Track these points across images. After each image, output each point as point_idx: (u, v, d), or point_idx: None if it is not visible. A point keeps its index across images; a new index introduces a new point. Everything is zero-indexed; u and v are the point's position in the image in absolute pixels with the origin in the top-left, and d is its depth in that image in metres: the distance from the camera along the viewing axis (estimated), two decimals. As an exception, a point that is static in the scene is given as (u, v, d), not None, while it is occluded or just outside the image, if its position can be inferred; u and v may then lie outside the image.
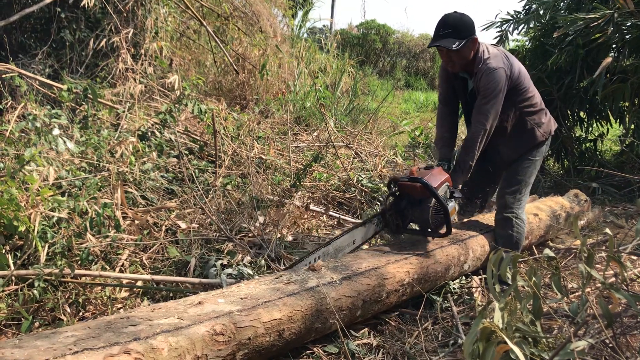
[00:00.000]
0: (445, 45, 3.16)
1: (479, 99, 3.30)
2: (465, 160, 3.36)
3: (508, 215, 3.59)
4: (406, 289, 2.99)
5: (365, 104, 9.73)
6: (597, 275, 1.85)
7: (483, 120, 3.28)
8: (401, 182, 3.28)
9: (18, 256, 3.04)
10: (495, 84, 3.22)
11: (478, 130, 3.29)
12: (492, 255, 1.98)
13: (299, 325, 2.39)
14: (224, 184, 4.54)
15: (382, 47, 20.35)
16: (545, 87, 6.28)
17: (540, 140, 3.57)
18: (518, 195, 3.60)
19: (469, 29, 3.20)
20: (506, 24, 7.28)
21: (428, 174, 3.20)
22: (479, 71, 3.27)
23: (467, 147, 3.35)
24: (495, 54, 3.34)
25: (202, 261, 3.38)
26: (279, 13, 10.34)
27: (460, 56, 3.26)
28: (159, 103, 5.87)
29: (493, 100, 3.24)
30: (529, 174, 3.61)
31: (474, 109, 3.36)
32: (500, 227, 3.66)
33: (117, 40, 5.85)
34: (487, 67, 3.24)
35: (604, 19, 5.30)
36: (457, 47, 3.15)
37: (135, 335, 1.86)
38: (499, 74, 3.23)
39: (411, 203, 3.28)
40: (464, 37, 3.17)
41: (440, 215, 3.23)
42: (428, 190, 3.11)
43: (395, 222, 3.36)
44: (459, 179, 3.40)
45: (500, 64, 3.26)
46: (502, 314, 1.81)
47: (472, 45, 3.25)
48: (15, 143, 3.82)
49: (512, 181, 3.62)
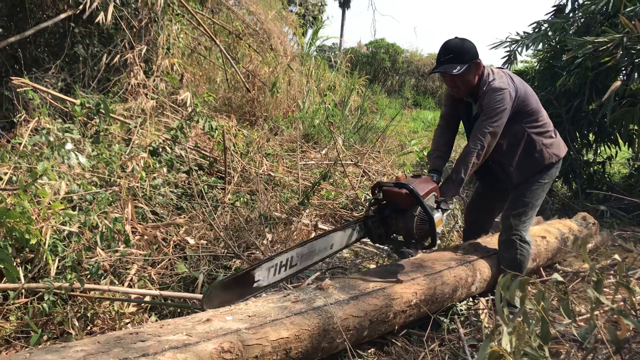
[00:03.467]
0: (447, 70, 3.16)
1: (481, 117, 3.26)
2: (458, 172, 3.25)
3: (512, 237, 3.51)
4: (413, 309, 2.98)
5: (374, 122, 9.78)
6: (606, 301, 1.85)
7: (481, 137, 3.21)
8: (386, 187, 3.14)
9: (29, 269, 3.07)
10: (499, 103, 3.19)
11: (475, 146, 3.22)
12: (501, 279, 1.98)
13: (306, 344, 2.39)
14: (233, 201, 4.56)
15: (391, 65, 20.47)
16: (554, 109, 6.29)
17: (548, 162, 3.51)
18: (524, 217, 3.52)
19: (470, 54, 3.20)
20: (515, 44, 7.31)
21: (415, 182, 3.09)
22: (483, 93, 3.25)
23: (461, 161, 3.26)
24: (500, 75, 3.31)
25: (210, 277, 3.39)
26: (290, 31, 10.45)
27: (464, 80, 3.26)
28: (169, 119, 5.92)
29: (494, 119, 3.20)
30: (536, 197, 3.54)
31: (475, 126, 3.30)
32: (504, 249, 3.59)
33: (130, 56, 5.92)
34: (491, 87, 3.22)
35: (613, 42, 5.33)
36: (459, 72, 3.15)
37: (144, 351, 1.87)
38: (503, 95, 3.19)
39: (395, 211, 3.14)
40: (466, 62, 3.17)
41: (426, 226, 3.05)
42: (414, 197, 2.99)
43: (377, 231, 3.23)
44: (448, 191, 3.28)
45: (504, 85, 3.23)
46: (510, 337, 1.81)
47: (475, 70, 3.25)
48: (28, 156, 3.86)
49: (518, 203, 3.54)
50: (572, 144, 6.46)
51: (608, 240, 5.05)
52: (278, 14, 9.87)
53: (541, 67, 7.10)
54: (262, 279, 2.73)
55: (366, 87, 11.95)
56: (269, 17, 9.13)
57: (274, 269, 2.83)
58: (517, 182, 3.57)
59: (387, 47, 21.29)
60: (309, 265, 3.04)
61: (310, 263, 3.02)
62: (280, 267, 2.87)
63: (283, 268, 2.88)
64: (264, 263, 2.78)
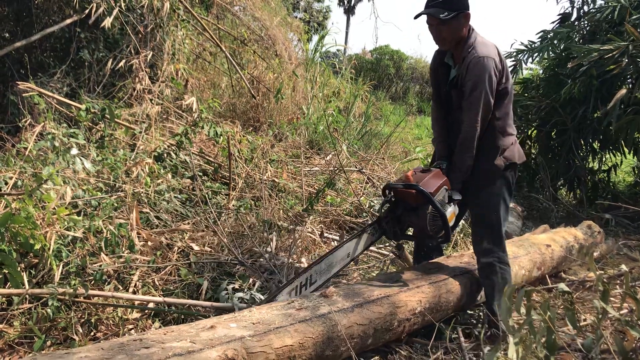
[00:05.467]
0: (434, 14, 2.91)
1: (468, 92, 2.99)
2: (463, 160, 3.09)
3: (490, 260, 3.19)
4: (418, 317, 2.97)
5: (378, 128, 9.77)
6: (613, 311, 1.84)
7: (475, 116, 2.99)
8: (396, 188, 3.10)
9: (33, 274, 3.07)
10: (484, 73, 2.93)
11: (472, 127, 3.02)
12: (507, 288, 1.97)
13: (310, 352, 2.38)
14: (237, 207, 4.56)
15: (395, 72, 20.49)
16: (559, 117, 6.29)
17: (504, 163, 3.14)
18: (497, 238, 3.20)
19: (461, 3, 2.94)
20: (520, 54, 7.31)
21: (424, 179, 3.01)
22: (467, 57, 2.98)
23: (463, 147, 3.08)
24: (487, 43, 3.04)
25: (214, 284, 3.38)
26: (294, 37, 10.47)
27: (451, 31, 2.98)
28: (174, 124, 5.93)
29: (483, 90, 2.94)
30: (502, 211, 3.19)
31: (464, 105, 3.05)
32: (484, 275, 3.26)
33: (135, 61, 5.93)
34: (476, 54, 2.95)
35: (618, 50, 5.33)
36: (446, 18, 2.90)
37: (148, 357, 1.87)
38: (488, 63, 2.93)
39: (407, 209, 3.09)
40: (455, 10, 2.91)
41: (439, 222, 3.01)
42: (424, 197, 2.94)
43: (392, 229, 3.20)
44: (457, 179, 3.13)
45: (491, 55, 2.97)
46: (517, 348, 1.80)
47: (464, 22, 2.98)
48: (33, 161, 3.87)
49: (485, 222, 3.23)
50: (576, 152, 6.46)
51: (613, 249, 5.03)
52: (283, 20, 9.89)
53: (546, 74, 7.09)
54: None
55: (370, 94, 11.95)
56: (273, 23, 9.15)
57: (294, 291, 2.85)
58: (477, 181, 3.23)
59: (392, 53, 21.32)
60: (329, 278, 3.05)
61: (329, 276, 3.04)
62: (301, 288, 2.88)
63: (304, 287, 2.90)
64: (284, 288, 2.82)
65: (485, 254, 3.20)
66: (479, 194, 3.22)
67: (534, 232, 4.77)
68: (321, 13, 29.12)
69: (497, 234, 3.20)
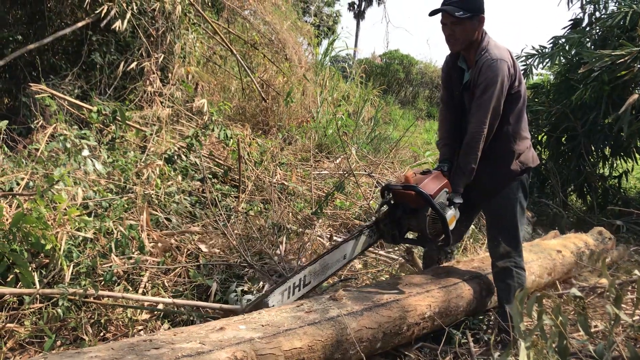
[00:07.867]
0: (449, 11, 2.88)
1: (479, 93, 2.97)
2: (467, 162, 3.03)
3: (507, 265, 3.16)
4: (427, 322, 2.96)
5: (387, 133, 9.76)
6: (626, 317, 1.82)
7: (483, 118, 2.95)
8: (395, 189, 3.03)
9: (44, 274, 3.08)
10: (497, 75, 2.90)
11: (479, 129, 2.97)
12: (519, 293, 1.96)
13: (319, 355, 2.38)
14: (247, 210, 4.57)
15: (405, 77, 20.49)
16: (570, 122, 6.26)
17: (520, 168, 3.15)
18: (514, 241, 3.17)
19: (477, 5, 2.93)
20: (531, 58, 7.28)
21: (424, 180, 2.95)
22: (480, 60, 2.97)
23: (468, 148, 3.03)
24: (500, 47, 3.03)
25: (223, 286, 3.39)
26: (304, 41, 10.49)
27: (465, 31, 2.96)
28: (184, 127, 5.96)
29: (494, 93, 2.92)
30: (518, 214, 3.19)
31: (473, 106, 3.02)
32: (499, 279, 3.24)
33: (146, 64, 5.97)
34: (490, 57, 2.94)
35: (630, 56, 5.30)
36: (462, 17, 2.87)
37: (158, 358, 1.87)
38: (502, 66, 2.91)
39: (406, 212, 3.02)
40: (471, 11, 2.90)
41: (438, 225, 2.96)
42: (423, 199, 2.87)
43: (391, 232, 3.12)
44: (460, 182, 3.07)
45: (505, 58, 2.95)
46: (528, 352, 1.79)
47: (478, 25, 2.96)
48: (45, 162, 3.90)
49: (502, 227, 3.21)
50: (587, 157, 6.42)
51: (625, 255, 4.99)
52: (293, 24, 9.91)
53: (557, 80, 7.06)
54: (275, 304, 2.71)
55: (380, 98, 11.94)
56: (284, 27, 9.18)
57: (287, 292, 2.81)
58: (490, 187, 3.22)
59: (401, 58, 21.33)
60: (323, 280, 3.01)
61: (324, 278, 2.99)
62: (294, 289, 2.84)
63: (297, 289, 2.85)
64: (276, 289, 2.77)
65: (502, 259, 3.17)
66: (495, 199, 3.20)
67: (544, 238, 4.74)
68: (331, 17, 29.15)
69: (515, 238, 3.18)
